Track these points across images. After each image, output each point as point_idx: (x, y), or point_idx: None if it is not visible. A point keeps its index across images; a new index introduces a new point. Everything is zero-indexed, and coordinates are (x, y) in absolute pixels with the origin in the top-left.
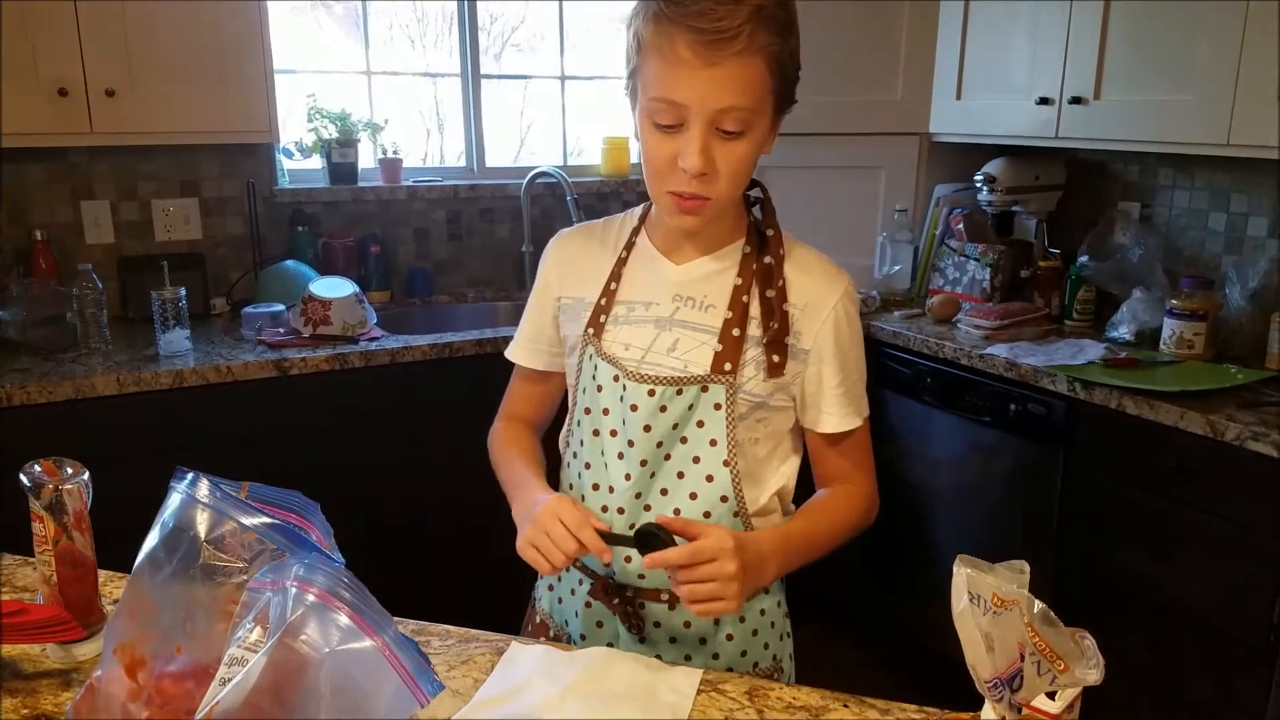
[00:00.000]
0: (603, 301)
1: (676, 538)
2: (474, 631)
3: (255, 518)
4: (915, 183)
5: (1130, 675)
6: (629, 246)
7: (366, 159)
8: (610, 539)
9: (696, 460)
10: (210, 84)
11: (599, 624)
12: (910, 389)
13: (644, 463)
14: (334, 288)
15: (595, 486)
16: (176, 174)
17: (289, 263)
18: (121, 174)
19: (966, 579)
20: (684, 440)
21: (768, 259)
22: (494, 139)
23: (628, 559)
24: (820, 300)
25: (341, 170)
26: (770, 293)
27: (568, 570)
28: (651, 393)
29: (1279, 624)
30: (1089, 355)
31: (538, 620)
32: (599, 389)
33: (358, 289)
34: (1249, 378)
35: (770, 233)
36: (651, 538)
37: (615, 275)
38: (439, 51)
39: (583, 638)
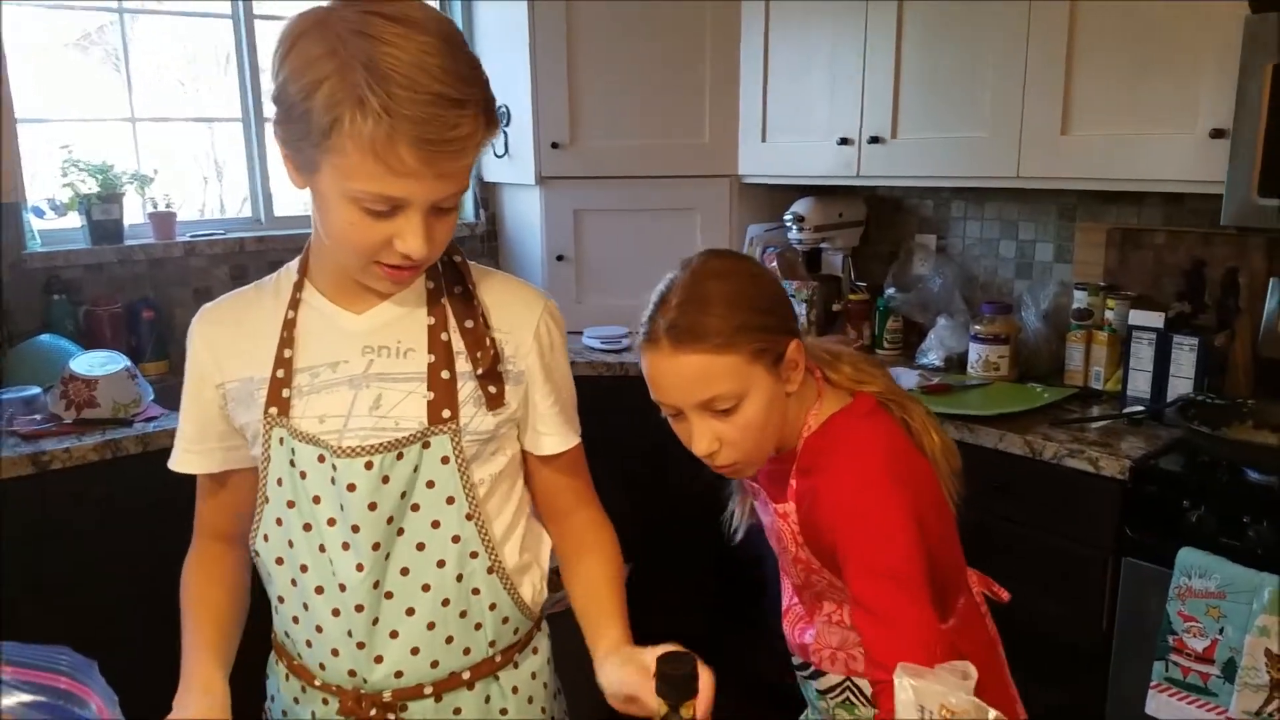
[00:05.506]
0: (280, 374)
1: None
2: None
3: (10, 695)
4: (729, 223)
5: None
6: (294, 305)
7: (134, 214)
8: None
9: (436, 525)
10: None
11: None
12: None
13: (376, 546)
14: (100, 363)
15: (319, 589)
16: None
17: (44, 337)
18: None
19: (913, 691)
20: (415, 508)
21: (458, 289)
22: (282, 185)
23: (378, 659)
24: (523, 321)
25: (104, 228)
26: (470, 323)
27: (304, 690)
28: (369, 465)
29: (1108, 629)
30: (904, 383)
31: None
32: (303, 475)
33: (129, 362)
34: (1053, 396)
35: (458, 259)
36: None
37: (286, 341)
38: (214, 95)
39: None
